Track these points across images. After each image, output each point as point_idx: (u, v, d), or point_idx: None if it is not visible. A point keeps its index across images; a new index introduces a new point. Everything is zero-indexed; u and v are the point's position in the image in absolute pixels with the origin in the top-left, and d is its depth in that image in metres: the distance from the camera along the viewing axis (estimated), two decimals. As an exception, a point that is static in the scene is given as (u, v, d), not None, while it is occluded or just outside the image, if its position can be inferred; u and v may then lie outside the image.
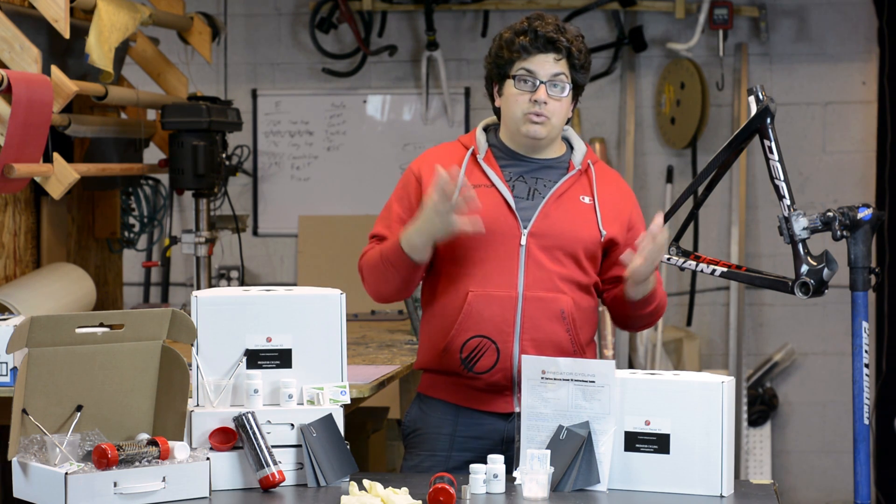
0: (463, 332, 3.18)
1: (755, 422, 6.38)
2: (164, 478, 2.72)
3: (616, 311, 3.30)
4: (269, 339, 2.97)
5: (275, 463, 2.83)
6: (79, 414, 2.76)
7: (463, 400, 3.23)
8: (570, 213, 3.20)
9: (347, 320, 3.03)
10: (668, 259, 3.61)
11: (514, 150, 3.25)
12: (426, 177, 3.22)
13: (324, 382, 2.98)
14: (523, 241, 3.18)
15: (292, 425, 2.91)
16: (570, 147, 3.30)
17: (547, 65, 3.16)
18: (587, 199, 3.23)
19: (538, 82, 3.15)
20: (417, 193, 3.23)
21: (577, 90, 3.23)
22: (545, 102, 3.15)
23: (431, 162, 3.25)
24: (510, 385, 3.18)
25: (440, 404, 3.26)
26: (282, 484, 2.85)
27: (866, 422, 3.30)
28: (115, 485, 2.67)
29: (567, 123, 3.29)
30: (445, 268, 3.22)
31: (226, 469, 2.85)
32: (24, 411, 2.69)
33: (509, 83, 3.19)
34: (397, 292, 3.23)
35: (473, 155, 3.25)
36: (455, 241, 3.17)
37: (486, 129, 3.31)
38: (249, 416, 2.86)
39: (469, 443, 3.23)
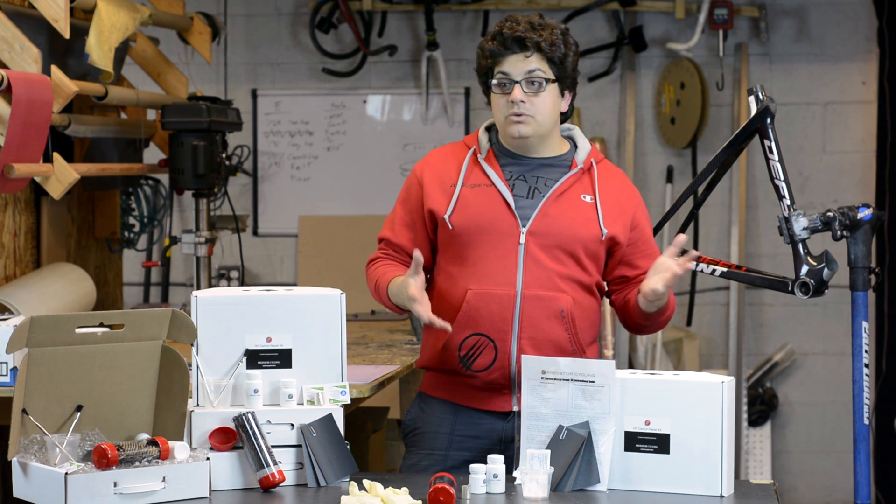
0: (461, 330, 3.18)
1: (755, 422, 6.37)
2: (164, 478, 2.72)
3: (627, 317, 3.28)
4: (269, 339, 2.97)
5: (275, 463, 2.83)
6: (79, 414, 2.76)
7: (461, 399, 3.23)
8: (570, 211, 3.20)
9: (347, 320, 3.04)
10: (668, 259, 3.60)
11: (512, 151, 3.25)
12: (427, 180, 3.24)
13: (324, 382, 2.98)
14: (522, 240, 3.17)
15: (292, 425, 2.91)
16: (575, 146, 3.29)
17: (519, 63, 3.14)
18: (588, 198, 3.22)
19: (513, 83, 3.15)
20: (419, 197, 3.25)
21: (566, 82, 3.20)
22: (522, 101, 3.14)
23: (434, 164, 3.27)
24: (508, 384, 3.18)
25: (439, 403, 3.27)
26: (282, 484, 2.85)
27: (866, 422, 3.30)
28: (115, 485, 2.67)
29: (567, 121, 3.29)
30: (445, 266, 3.23)
31: (226, 469, 2.85)
32: (24, 411, 2.69)
33: (492, 89, 3.19)
34: (394, 311, 3.29)
35: (475, 154, 3.25)
36: (455, 241, 3.19)
37: (489, 129, 3.31)
38: (249, 416, 2.86)
39: (467, 442, 3.23)
